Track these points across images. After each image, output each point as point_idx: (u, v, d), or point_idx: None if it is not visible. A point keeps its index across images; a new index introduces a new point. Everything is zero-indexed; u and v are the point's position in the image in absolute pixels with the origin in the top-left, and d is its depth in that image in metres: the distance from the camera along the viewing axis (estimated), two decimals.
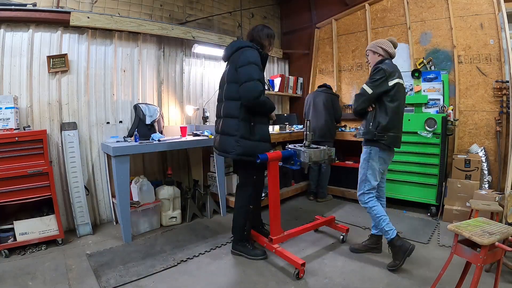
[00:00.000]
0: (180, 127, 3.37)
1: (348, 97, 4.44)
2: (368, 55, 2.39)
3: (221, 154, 2.32)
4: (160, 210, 3.07)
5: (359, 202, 2.39)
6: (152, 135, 3.01)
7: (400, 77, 2.24)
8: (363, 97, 2.23)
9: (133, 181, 3.00)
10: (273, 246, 2.31)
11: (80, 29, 2.94)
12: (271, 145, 2.26)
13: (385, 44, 2.32)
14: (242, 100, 2.12)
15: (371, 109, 2.26)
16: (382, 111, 2.21)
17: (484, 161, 3.13)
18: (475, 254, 1.55)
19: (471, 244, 1.58)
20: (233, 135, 2.19)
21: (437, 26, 3.59)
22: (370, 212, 2.31)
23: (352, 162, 3.92)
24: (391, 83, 2.17)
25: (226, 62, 2.35)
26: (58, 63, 2.82)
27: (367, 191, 2.30)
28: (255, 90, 2.07)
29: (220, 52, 4.00)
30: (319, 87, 4.06)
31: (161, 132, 3.26)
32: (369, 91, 2.19)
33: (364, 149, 2.34)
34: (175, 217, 3.14)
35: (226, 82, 2.26)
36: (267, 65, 4.84)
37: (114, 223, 3.11)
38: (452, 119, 3.23)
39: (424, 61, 3.66)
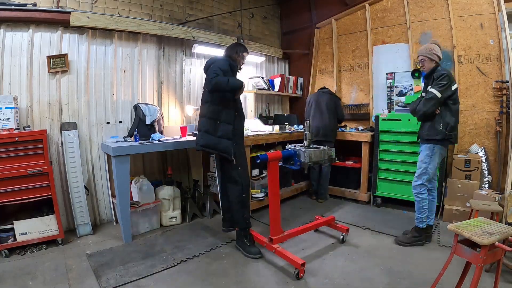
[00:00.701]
0: (180, 127, 3.37)
1: (348, 97, 4.44)
2: (424, 61, 2.56)
3: (195, 147, 2.62)
4: (160, 210, 3.08)
5: (413, 191, 2.62)
6: (152, 135, 3.01)
7: None
8: (433, 100, 2.42)
9: (133, 181, 3.00)
10: (273, 246, 2.31)
11: (80, 29, 2.94)
12: (232, 143, 2.44)
13: (438, 50, 2.54)
14: (207, 89, 2.43)
15: (438, 112, 2.47)
16: (447, 112, 2.46)
17: (484, 161, 3.13)
18: (475, 254, 1.55)
19: (471, 244, 1.58)
20: (200, 131, 2.53)
21: (437, 26, 3.59)
22: (420, 203, 2.57)
23: (352, 162, 3.92)
24: (453, 87, 2.44)
25: None
26: (58, 63, 2.82)
27: (425, 183, 2.55)
28: (210, 77, 2.33)
29: (220, 52, 4.00)
30: (320, 89, 4.06)
31: (161, 132, 3.26)
32: (439, 95, 2.40)
33: (427, 146, 2.55)
34: (175, 217, 3.14)
35: (203, 88, 2.62)
36: (267, 65, 4.88)
37: (114, 223, 3.11)
38: None
39: None
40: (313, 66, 4.74)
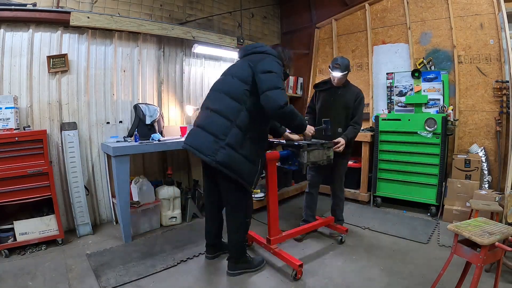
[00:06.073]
0: (180, 127, 3.37)
1: None
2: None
3: (192, 150, 1.96)
4: (160, 210, 3.07)
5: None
6: (152, 135, 3.01)
7: None
8: None
9: (133, 181, 3.00)
10: (271, 247, 2.31)
11: (80, 29, 2.94)
12: (258, 168, 1.99)
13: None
14: (266, 110, 1.86)
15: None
16: None
17: (484, 161, 3.13)
18: (475, 254, 1.55)
19: (471, 244, 1.58)
20: (218, 138, 1.88)
21: (437, 26, 3.58)
22: None
23: (352, 162, 3.90)
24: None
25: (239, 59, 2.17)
26: (58, 63, 2.82)
27: None
28: (280, 99, 1.82)
29: (220, 52, 4.02)
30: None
31: (161, 132, 3.26)
32: None
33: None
34: (175, 217, 3.14)
35: (231, 75, 2.03)
36: None
37: (114, 223, 3.11)
38: (452, 119, 3.23)
39: (424, 61, 3.66)
40: (313, 66, 4.74)
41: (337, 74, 2.59)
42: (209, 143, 1.89)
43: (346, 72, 2.60)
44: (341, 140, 2.55)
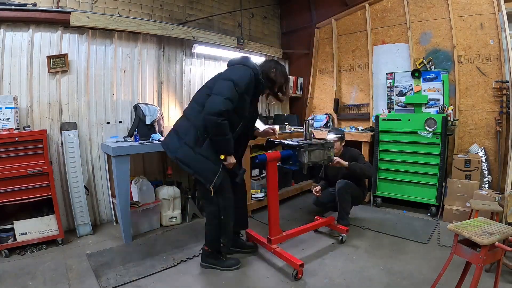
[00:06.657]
0: None
1: (348, 97, 4.44)
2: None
3: (164, 148, 2.14)
4: (160, 210, 3.08)
5: None
6: (152, 135, 3.01)
7: None
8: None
9: (133, 181, 3.00)
10: (272, 247, 2.31)
11: (80, 29, 2.94)
12: (219, 168, 1.99)
13: None
14: (204, 111, 1.96)
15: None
16: None
17: (484, 161, 3.13)
18: (475, 254, 1.55)
19: (471, 244, 1.58)
20: (179, 137, 2.05)
21: (437, 26, 3.59)
22: None
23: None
24: None
25: None
26: (58, 63, 2.82)
27: None
28: (215, 105, 1.88)
29: (220, 52, 4.02)
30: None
31: (161, 132, 3.26)
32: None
33: None
34: (175, 217, 3.14)
35: (205, 84, 2.18)
36: None
37: (114, 223, 3.11)
38: (452, 119, 3.23)
39: (424, 61, 3.66)
40: (313, 66, 4.74)
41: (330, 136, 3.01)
42: (174, 141, 2.08)
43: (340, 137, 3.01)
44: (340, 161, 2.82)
